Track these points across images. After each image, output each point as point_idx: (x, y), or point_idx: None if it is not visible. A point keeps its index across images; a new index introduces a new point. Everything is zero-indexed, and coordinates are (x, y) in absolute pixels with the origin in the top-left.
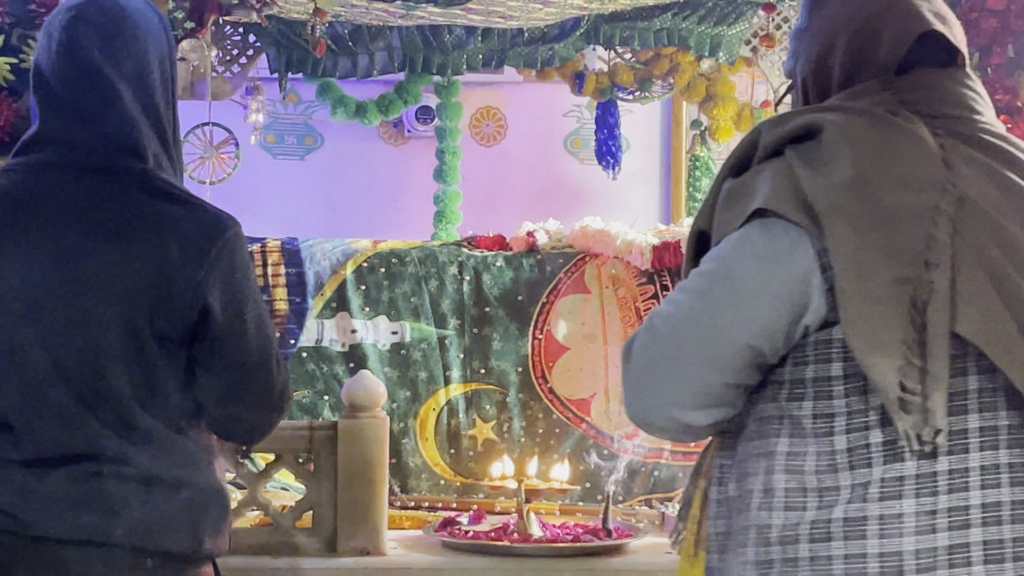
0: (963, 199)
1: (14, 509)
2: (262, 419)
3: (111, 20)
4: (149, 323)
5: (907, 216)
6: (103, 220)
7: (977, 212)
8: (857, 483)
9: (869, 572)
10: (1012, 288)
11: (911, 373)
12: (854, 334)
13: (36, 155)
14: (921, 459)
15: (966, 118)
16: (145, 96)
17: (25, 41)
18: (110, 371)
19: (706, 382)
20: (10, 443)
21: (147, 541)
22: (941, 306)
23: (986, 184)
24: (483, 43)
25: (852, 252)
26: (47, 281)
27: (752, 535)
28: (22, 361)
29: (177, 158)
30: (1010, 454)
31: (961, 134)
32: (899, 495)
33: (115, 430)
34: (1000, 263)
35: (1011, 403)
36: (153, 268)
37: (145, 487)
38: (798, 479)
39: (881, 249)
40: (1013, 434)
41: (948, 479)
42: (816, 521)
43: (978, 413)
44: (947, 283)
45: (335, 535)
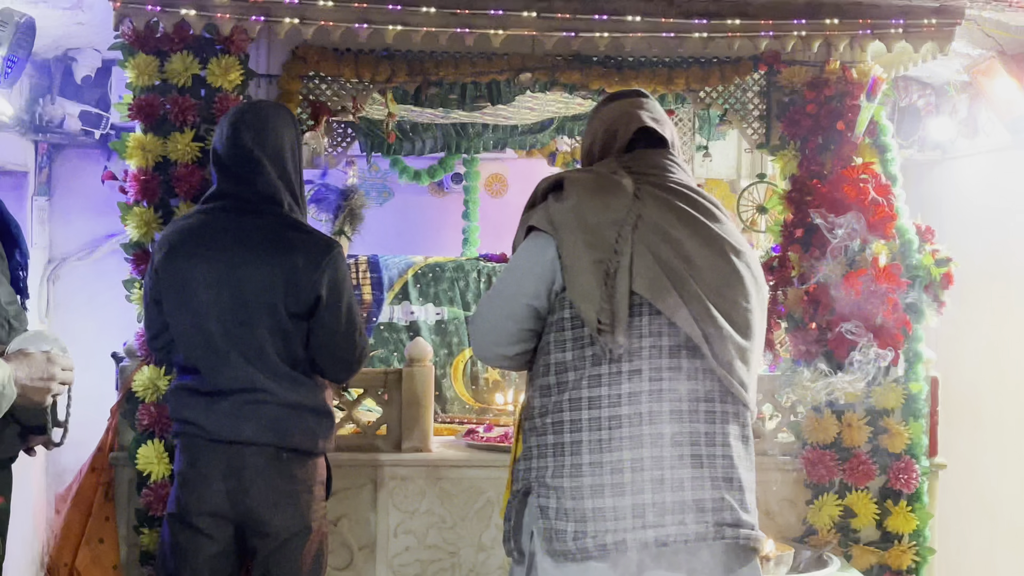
0: (642, 216)
1: (201, 421)
2: (347, 368)
3: (260, 120)
4: (284, 306)
5: (604, 225)
6: (255, 242)
7: (650, 223)
8: (577, 379)
9: (583, 428)
10: (670, 265)
11: (604, 314)
12: (572, 293)
13: (214, 203)
14: (611, 363)
15: (660, 175)
16: (281, 168)
17: (208, 132)
18: (260, 336)
19: (508, 329)
20: (197, 381)
21: (284, 442)
22: (623, 275)
23: (662, 208)
24: (492, 134)
25: (571, 247)
26: (221, 280)
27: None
28: (206, 330)
29: (302, 204)
30: (669, 362)
31: (653, 183)
32: (599, 384)
33: (263, 373)
34: (664, 251)
35: (671, 332)
36: (286, 272)
37: (283, 408)
38: (549, 379)
39: (586, 244)
40: (672, 351)
41: (628, 376)
42: (558, 401)
43: (648, 337)
44: (627, 263)
45: (400, 439)
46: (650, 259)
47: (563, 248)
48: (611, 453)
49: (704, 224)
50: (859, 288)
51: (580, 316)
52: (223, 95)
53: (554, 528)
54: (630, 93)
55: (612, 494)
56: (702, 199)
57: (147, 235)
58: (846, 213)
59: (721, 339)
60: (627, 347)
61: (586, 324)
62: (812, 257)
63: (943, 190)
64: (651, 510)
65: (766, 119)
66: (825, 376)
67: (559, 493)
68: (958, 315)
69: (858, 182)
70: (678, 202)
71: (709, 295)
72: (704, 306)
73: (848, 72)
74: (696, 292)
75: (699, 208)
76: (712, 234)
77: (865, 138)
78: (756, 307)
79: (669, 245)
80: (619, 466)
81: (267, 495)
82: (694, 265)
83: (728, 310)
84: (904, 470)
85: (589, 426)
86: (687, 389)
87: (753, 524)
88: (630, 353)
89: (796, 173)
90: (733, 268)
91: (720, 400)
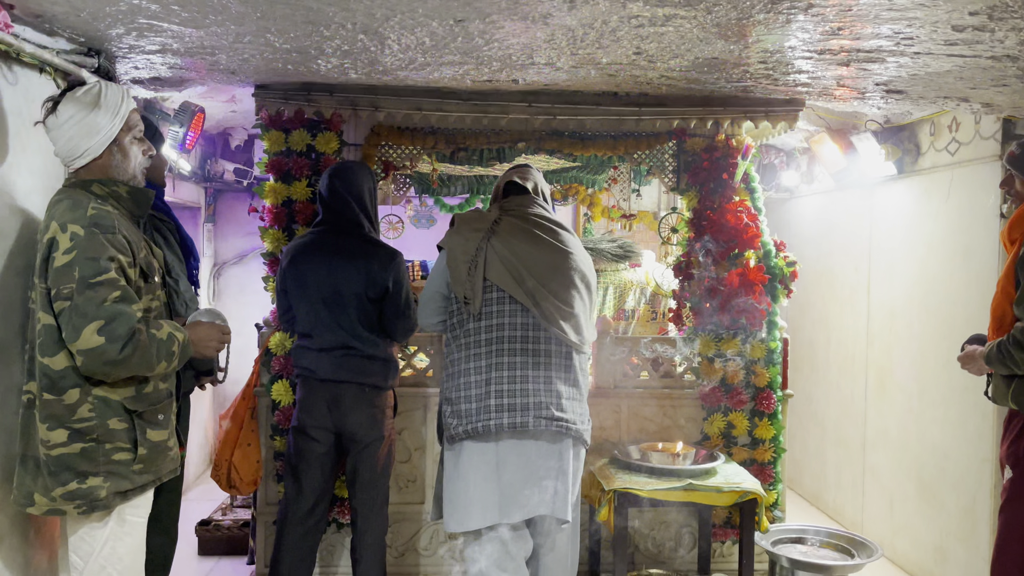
0: (496, 233)
1: (313, 367)
2: (406, 332)
3: (349, 173)
4: (365, 293)
5: (471, 239)
6: (346, 253)
7: (501, 238)
8: (458, 332)
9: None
10: (511, 262)
11: (468, 292)
12: (452, 282)
13: (320, 227)
14: (474, 321)
15: (520, 210)
16: (362, 204)
17: (316, 181)
18: (350, 313)
19: (431, 308)
20: (310, 341)
21: (365, 380)
22: (478, 269)
23: (513, 228)
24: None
25: (452, 256)
26: (325, 277)
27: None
28: (316, 309)
29: (376, 227)
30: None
31: (512, 214)
32: (468, 334)
33: (352, 336)
34: (507, 254)
35: (510, 300)
36: (366, 272)
37: (365, 359)
38: (448, 334)
39: (459, 250)
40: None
41: (484, 328)
42: (450, 347)
43: (495, 304)
44: (482, 261)
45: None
46: (496, 260)
47: (449, 257)
48: (475, 375)
49: (541, 237)
50: (737, 281)
51: (456, 295)
52: (326, 157)
53: (447, 423)
54: (517, 166)
55: (476, 399)
56: (546, 222)
57: (277, 247)
58: (729, 233)
59: (547, 304)
60: (483, 311)
61: (458, 299)
62: (706, 261)
63: (791, 218)
64: (499, 408)
65: (677, 172)
66: (715, 338)
67: (449, 402)
68: (800, 298)
69: (736, 212)
70: (526, 225)
71: (539, 279)
72: (533, 284)
73: (729, 141)
74: (527, 277)
75: (541, 228)
76: (547, 243)
77: (741, 184)
78: (580, 286)
79: (511, 251)
80: (479, 380)
81: (355, 415)
82: (529, 261)
83: (555, 288)
84: (766, 398)
85: (464, 359)
86: (520, 334)
87: (567, 419)
88: (486, 315)
89: (696, 206)
90: (560, 263)
91: (544, 341)
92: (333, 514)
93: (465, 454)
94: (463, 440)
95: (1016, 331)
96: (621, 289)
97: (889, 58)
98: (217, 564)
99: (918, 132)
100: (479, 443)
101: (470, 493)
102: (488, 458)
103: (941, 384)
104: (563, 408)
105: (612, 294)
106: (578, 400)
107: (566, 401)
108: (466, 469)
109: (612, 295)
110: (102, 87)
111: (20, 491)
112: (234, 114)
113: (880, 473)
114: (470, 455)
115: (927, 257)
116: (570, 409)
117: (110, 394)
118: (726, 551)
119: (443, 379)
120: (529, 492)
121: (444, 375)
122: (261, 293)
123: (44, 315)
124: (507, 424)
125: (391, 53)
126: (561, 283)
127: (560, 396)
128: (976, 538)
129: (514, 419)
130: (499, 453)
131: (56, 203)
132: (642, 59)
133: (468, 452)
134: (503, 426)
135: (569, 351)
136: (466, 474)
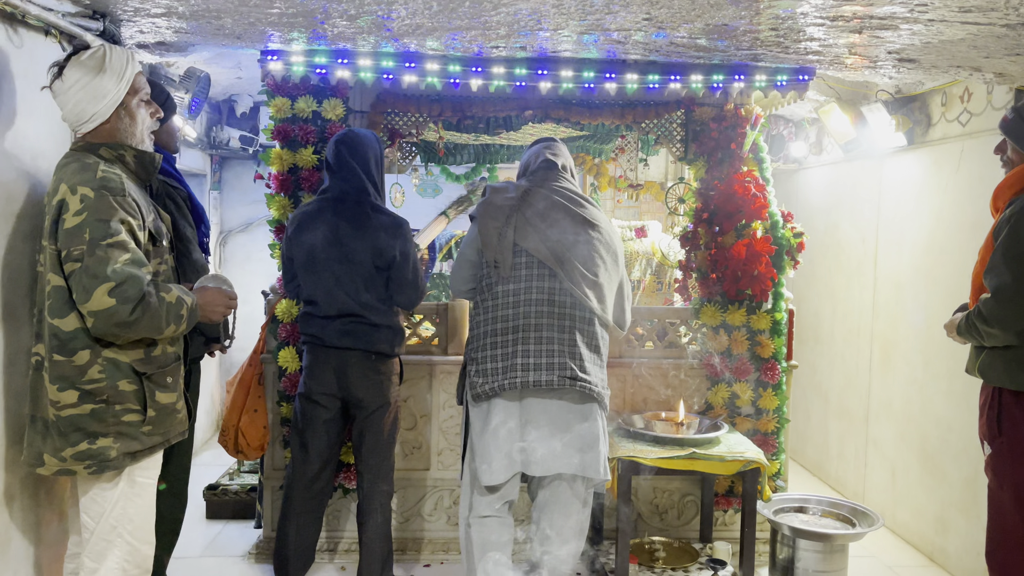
0: (525, 202)
1: (320, 334)
2: (413, 301)
3: (355, 140)
4: (372, 261)
5: (502, 207)
6: (353, 220)
7: (530, 204)
8: (486, 295)
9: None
10: (538, 228)
11: (497, 256)
12: (483, 247)
13: (326, 195)
14: (502, 284)
15: (548, 183)
16: (368, 172)
17: (322, 148)
18: (356, 281)
19: (463, 275)
20: (316, 309)
21: (372, 347)
22: (508, 234)
23: (543, 198)
24: (506, 151)
25: (482, 222)
26: (331, 244)
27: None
28: (322, 277)
29: (382, 195)
30: (537, 282)
31: (542, 185)
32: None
33: (358, 304)
34: (536, 222)
35: (539, 265)
36: (373, 240)
37: (371, 327)
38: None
39: (490, 218)
40: (541, 276)
41: (512, 291)
42: (476, 308)
43: (525, 269)
44: (512, 227)
45: (446, 347)
46: (525, 225)
47: (480, 224)
48: (500, 336)
49: (569, 208)
50: (744, 252)
51: (488, 261)
52: (332, 124)
53: (472, 381)
54: (547, 141)
55: (502, 358)
56: (572, 194)
57: (283, 215)
58: (737, 203)
59: (572, 268)
60: (511, 275)
61: (488, 263)
62: (713, 232)
63: (799, 189)
64: (524, 367)
65: (685, 141)
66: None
67: (475, 362)
68: (806, 270)
69: (744, 183)
70: (553, 196)
71: (566, 246)
72: (559, 250)
73: (738, 111)
74: (554, 243)
75: (569, 199)
76: (574, 213)
77: (749, 154)
78: (606, 257)
79: (540, 218)
80: (505, 340)
81: (362, 382)
82: (556, 229)
83: (582, 256)
84: (770, 368)
85: (491, 320)
86: (547, 296)
87: (588, 380)
88: (514, 278)
89: (704, 176)
90: (587, 234)
91: (570, 306)
92: (339, 479)
93: (492, 411)
94: (490, 398)
95: (980, 303)
96: (627, 259)
97: (903, 25)
98: (225, 528)
99: (929, 102)
100: (504, 400)
101: (499, 446)
102: (512, 413)
103: (946, 356)
104: (587, 371)
105: None
106: (599, 366)
107: (588, 364)
108: (494, 425)
109: None
110: (106, 50)
111: (30, 452)
112: (239, 80)
113: (883, 444)
114: (496, 412)
115: (935, 229)
116: (593, 373)
117: (119, 356)
118: (728, 519)
119: (468, 340)
120: (551, 449)
121: (470, 336)
122: (267, 261)
123: (54, 277)
124: (532, 382)
125: (398, 18)
126: (586, 251)
127: (583, 359)
128: (977, 509)
129: (539, 377)
130: (523, 411)
131: (64, 165)
132: (651, 25)
133: (495, 409)
134: (528, 383)
135: (592, 318)
136: (495, 429)
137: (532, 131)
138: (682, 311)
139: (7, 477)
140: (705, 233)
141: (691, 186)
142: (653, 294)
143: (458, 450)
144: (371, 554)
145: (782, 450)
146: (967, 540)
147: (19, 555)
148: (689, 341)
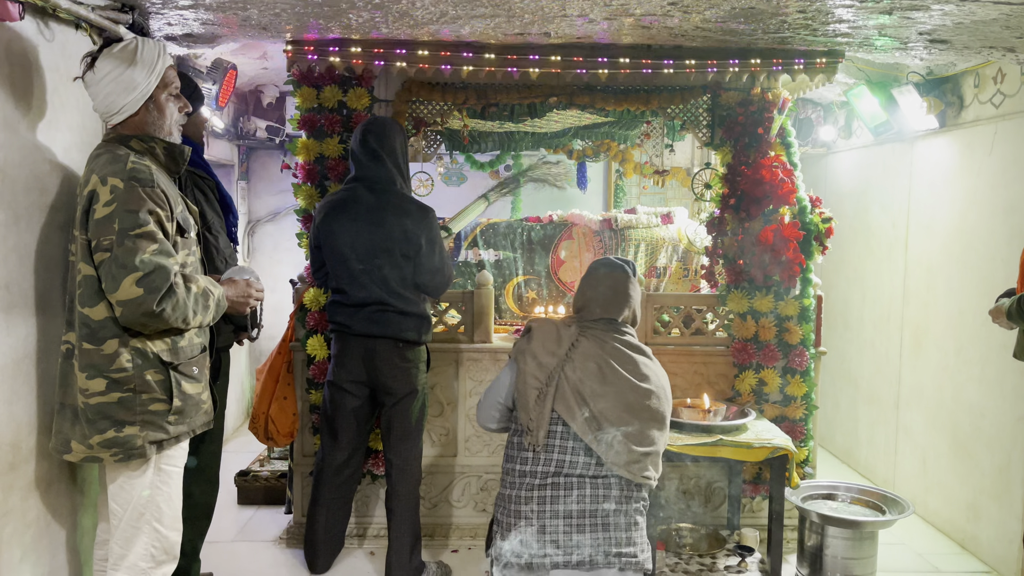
0: (570, 356)
1: (348, 323)
2: (439, 288)
3: (380, 129)
4: (399, 250)
5: (545, 363)
6: (381, 208)
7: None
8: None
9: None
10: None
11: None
12: (518, 404)
13: (352, 184)
14: (534, 453)
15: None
16: (394, 160)
17: (348, 137)
18: (384, 269)
19: (491, 414)
20: (344, 297)
21: (399, 335)
22: (548, 398)
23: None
24: (531, 138)
25: (522, 374)
26: (358, 233)
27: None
28: (349, 265)
29: (408, 183)
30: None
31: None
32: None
33: (386, 292)
34: (577, 382)
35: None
36: (401, 228)
37: (398, 315)
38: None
39: (531, 375)
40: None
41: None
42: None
43: (559, 440)
44: (552, 390)
45: (472, 334)
46: (567, 389)
47: (519, 379)
48: (525, 505)
49: (618, 371)
50: (771, 237)
51: (520, 422)
52: (357, 113)
53: (496, 543)
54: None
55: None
56: (626, 349)
57: (311, 204)
58: (764, 189)
59: (609, 445)
60: (545, 443)
61: (522, 424)
62: (740, 218)
63: (828, 173)
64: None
65: (711, 126)
66: (748, 295)
67: (500, 525)
68: (835, 255)
69: (771, 168)
70: (603, 353)
71: (611, 417)
72: (602, 424)
73: (765, 95)
74: (598, 414)
75: (619, 357)
76: (624, 379)
77: (776, 139)
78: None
79: (584, 385)
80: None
81: (390, 370)
82: (603, 395)
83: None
84: (798, 355)
85: (518, 485)
86: (581, 472)
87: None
88: (547, 447)
89: (730, 162)
90: (638, 400)
91: (603, 478)
92: (368, 466)
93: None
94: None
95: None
96: (653, 246)
97: (934, 5)
98: (256, 513)
99: (962, 84)
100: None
101: None
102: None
103: (979, 342)
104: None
105: (644, 251)
106: (639, 531)
107: (624, 534)
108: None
109: (644, 252)
110: (139, 43)
111: (58, 439)
112: (266, 71)
113: (913, 431)
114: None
115: (967, 212)
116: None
117: (147, 346)
118: (756, 507)
119: (501, 485)
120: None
121: (502, 477)
122: (294, 250)
123: (84, 266)
124: (562, 562)
125: (422, 6)
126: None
127: (621, 529)
128: (1010, 496)
129: (569, 557)
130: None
131: (96, 157)
132: (677, 9)
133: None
134: (558, 564)
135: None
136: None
137: (557, 117)
138: (709, 298)
139: (46, 464)
140: (732, 219)
141: (717, 172)
142: (679, 281)
143: (485, 437)
144: (400, 539)
145: (810, 437)
146: (1000, 528)
147: (57, 539)
148: (716, 328)
